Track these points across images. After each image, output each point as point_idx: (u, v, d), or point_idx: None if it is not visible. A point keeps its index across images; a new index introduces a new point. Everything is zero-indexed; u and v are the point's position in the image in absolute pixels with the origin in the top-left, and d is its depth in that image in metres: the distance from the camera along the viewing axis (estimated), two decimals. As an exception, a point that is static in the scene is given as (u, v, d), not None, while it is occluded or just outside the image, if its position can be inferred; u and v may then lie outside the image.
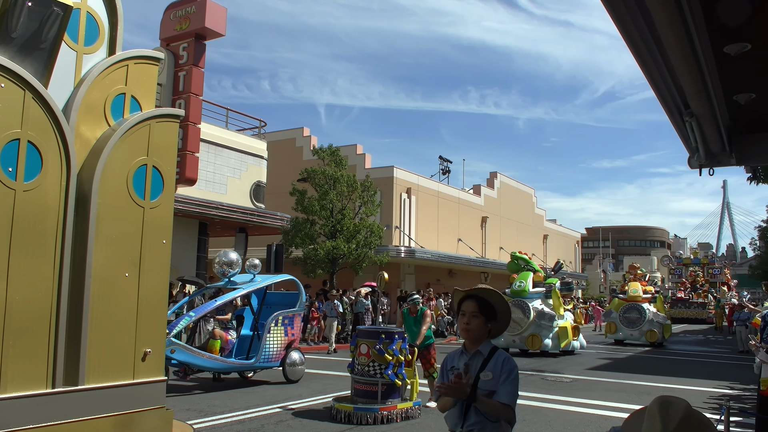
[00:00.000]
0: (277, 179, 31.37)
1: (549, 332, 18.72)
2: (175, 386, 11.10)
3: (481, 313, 3.26)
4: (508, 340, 18.90)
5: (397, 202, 33.45)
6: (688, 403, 2.15)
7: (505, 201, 46.33)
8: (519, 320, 18.72)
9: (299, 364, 11.99)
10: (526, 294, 19.22)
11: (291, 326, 11.94)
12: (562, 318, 19.38)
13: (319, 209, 22.14)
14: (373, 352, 8.81)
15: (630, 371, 15.34)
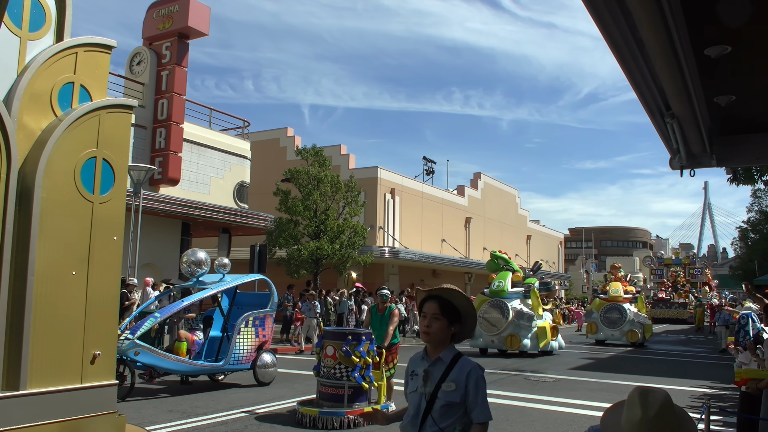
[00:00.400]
0: (261, 179, 31.22)
1: (528, 332, 18.66)
2: (141, 389, 10.77)
3: (443, 315, 2.99)
4: (486, 340, 18.86)
5: (381, 202, 33.44)
6: (667, 393, 2.22)
7: (488, 202, 46.48)
8: (498, 320, 18.70)
9: (271, 366, 11.72)
10: (505, 294, 19.19)
11: (262, 327, 11.68)
12: (541, 318, 19.34)
13: (302, 209, 22.07)
14: (340, 354, 8.53)
15: (612, 371, 15.45)
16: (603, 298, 25.17)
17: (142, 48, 22.20)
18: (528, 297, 19.47)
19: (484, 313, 18.92)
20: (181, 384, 11.57)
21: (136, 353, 9.75)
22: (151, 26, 22.14)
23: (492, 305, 19.04)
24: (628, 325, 23.89)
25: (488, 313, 18.93)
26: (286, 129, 37.24)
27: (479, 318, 18.91)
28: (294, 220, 22.56)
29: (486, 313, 18.92)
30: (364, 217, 29.75)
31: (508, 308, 18.75)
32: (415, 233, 36.26)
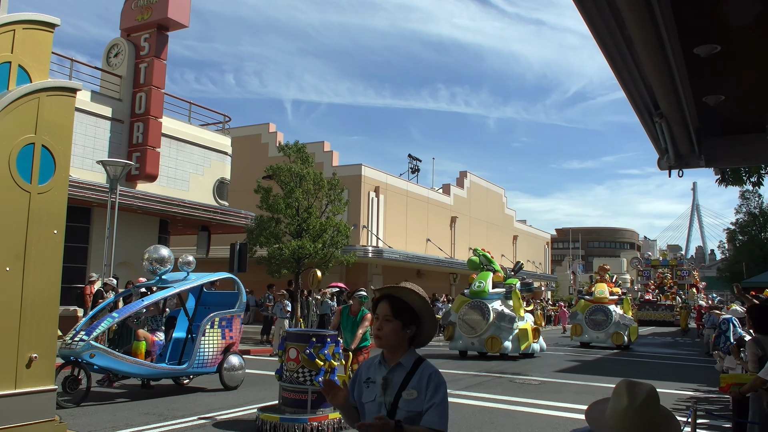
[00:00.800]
0: (242, 176, 31.07)
1: (509, 334, 18.54)
2: (98, 394, 10.41)
3: (395, 317, 2.80)
4: (466, 342, 18.78)
5: (364, 200, 33.42)
6: (653, 387, 2.32)
7: (474, 201, 46.62)
8: (478, 322, 18.60)
9: (238, 369, 11.41)
10: (486, 295, 19.05)
11: (229, 328, 11.41)
12: (522, 320, 19.27)
13: (284, 207, 21.99)
14: (303, 357, 8.18)
15: (598, 373, 15.57)
16: (588, 299, 25.15)
17: (120, 39, 22.00)
18: (509, 298, 19.38)
19: (464, 314, 18.83)
20: (143, 388, 11.22)
21: (91, 356, 9.37)
22: (130, 17, 21.95)
23: (472, 306, 18.91)
24: (614, 327, 23.90)
25: (468, 314, 18.81)
26: (268, 125, 37.09)
27: (459, 320, 18.89)
28: (275, 218, 22.47)
29: (466, 315, 18.81)
30: (347, 215, 29.69)
31: (488, 309, 18.61)
32: (399, 232, 36.28)
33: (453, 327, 19.08)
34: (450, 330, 19.16)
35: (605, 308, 24.27)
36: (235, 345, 11.61)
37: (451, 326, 19.17)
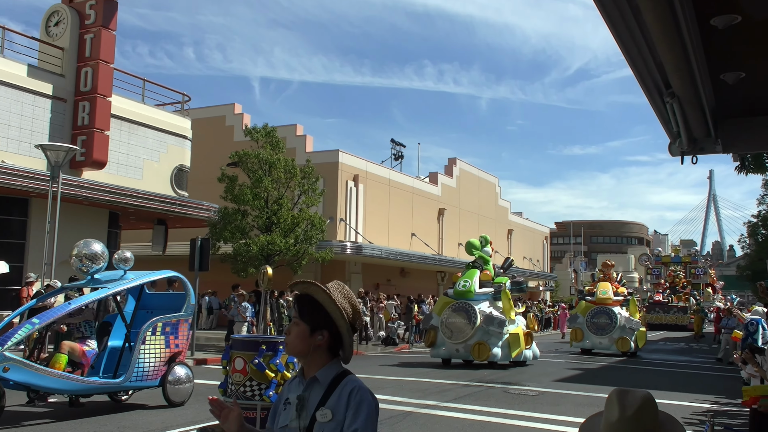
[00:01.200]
0: (203, 163, 30.84)
1: (498, 340, 18.37)
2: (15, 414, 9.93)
3: (302, 319, 2.61)
4: (450, 348, 18.67)
5: (342, 191, 33.39)
6: (648, 393, 2.33)
7: (465, 191, 46.76)
8: (463, 326, 18.43)
9: (185, 382, 11.07)
10: (472, 295, 18.92)
11: (174, 335, 11.07)
12: (513, 323, 19.09)
13: (251, 198, 21.89)
14: (251, 368, 7.89)
15: (602, 383, 15.70)
16: (590, 300, 25.02)
17: (61, 6, 21.69)
18: (498, 299, 19.20)
19: (448, 317, 18.70)
20: (71, 406, 10.64)
21: (5, 369, 8.87)
22: (73, -19, 21.65)
23: (456, 308, 18.78)
24: (619, 332, 23.83)
25: (452, 317, 18.68)
26: (233, 105, 36.90)
27: (441, 323, 18.81)
28: (242, 211, 22.37)
29: (449, 318, 18.69)
30: (322, 207, 29.62)
31: (475, 312, 18.44)
32: (381, 226, 36.30)
33: (435, 332, 18.98)
34: (431, 335, 19.04)
35: (609, 310, 24.23)
36: (182, 354, 11.30)
37: (432, 331, 19.07)
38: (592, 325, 24.26)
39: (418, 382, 14.61)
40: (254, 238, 21.80)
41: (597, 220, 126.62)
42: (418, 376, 15.80)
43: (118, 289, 10.65)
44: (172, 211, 22.48)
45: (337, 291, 2.65)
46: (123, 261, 11.21)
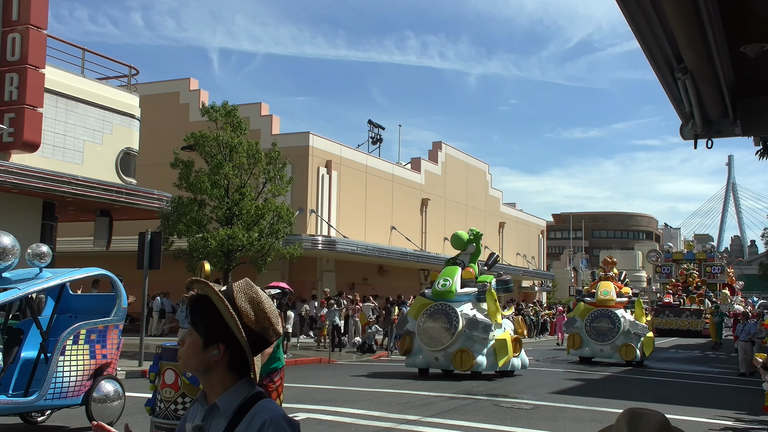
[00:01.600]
0: (154, 146, 30.60)
1: (483, 347, 18.09)
2: None
3: (195, 328, 2.39)
4: (428, 357, 18.45)
5: (313, 178, 33.32)
6: (664, 416, 2.23)
7: (451, 179, 46.86)
8: (443, 331, 18.18)
9: (114, 400, 10.63)
10: (453, 296, 18.70)
11: (101, 344, 10.69)
12: (500, 328, 18.86)
13: (210, 187, 21.77)
14: (183, 382, 7.67)
15: (605, 395, 15.82)
16: (589, 301, 24.96)
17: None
18: (482, 300, 18.97)
19: (426, 321, 18.53)
20: None
21: None
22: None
23: (435, 311, 18.58)
24: (622, 338, 23.75)
25: (430, 321, 18.51)
26: (188, 80, 36.71)
27: (418, 328, 18.63)
28: (198, 201, 22.24)
29: (428, 322, 18.51)
30: (291, 197, 29.53)
31: (456, 315, 18.21)
32: (356, 218, 36.28)
33: (411, 338, 18.79)
34: (407, 341, 18.86)
35: (611, 313, 24.22)
36: (111, 366, 10.91)
37: (408, 337, 18.90)
38: (592, 330, 24.13)
39: (398, 394, 14.63)
40: (213, 232, 21.69)
41: (600, 212, 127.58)
42: (397, 387, 15.82)
43: (31, 290, 10.02)
44: (117, 200, 22.24)
45: (241, 292, 2.42)
46: (38, 257, 10.56)
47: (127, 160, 24.33)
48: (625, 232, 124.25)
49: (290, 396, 13.88)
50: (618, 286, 25.38)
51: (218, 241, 21.33)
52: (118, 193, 22.21)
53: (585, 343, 24.35)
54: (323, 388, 15.35)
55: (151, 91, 33.81)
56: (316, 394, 14.38)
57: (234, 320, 2.35)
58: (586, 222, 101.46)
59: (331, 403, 13.26)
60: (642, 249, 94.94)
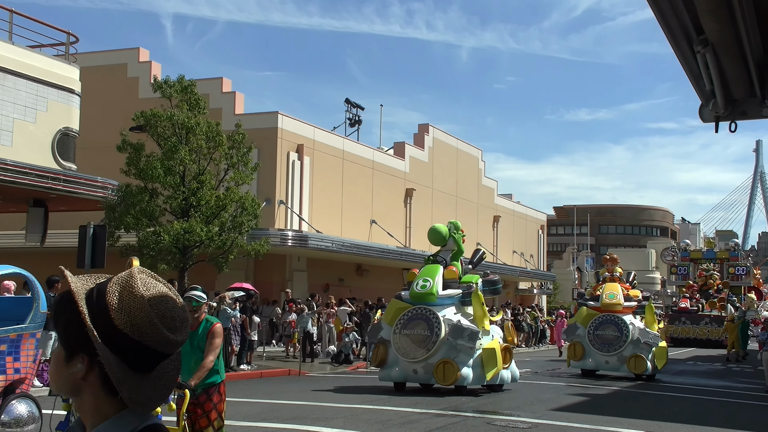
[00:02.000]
0: (97, 126, 30.40)
1: (469, 357, 17.82)
2: None
3: (59, 336, 2.14)
4: (405, 369, 18.18)
5: (282, 165, 33.25)
6: None
7: (439, 166, 46.92)
8: (422, 339, 17.91)
9: (28, 423, 10.36)
10: (435, 299, 18.48)
11: (14, 356, 10.47)
12: (488, 335, 18.61)
13: (163, 173, 21.68)
14: None
15: (613, 413, 15.88)
16: (593, 306, 24.78)
17: None
18: (467, 303, 18.79)
19: (403, 328, 18.26)
20: None
21: None
22: None
23: (414, 317, 18.31)
24: (631, 348, 23.42)
25: (408, 328, 18.23)
26: (137, 50, 36.51)
27: (394, 336, 18.37)
28: (150, 189, 22.15)
29: (405, 329, 18.23)
30: (257, 186, 29.46)
31: (438, 321, 17.91)
32: (332, 211, 36.26)
33: (385, 347, 18.50)
34: (381, 351, 18.55)
35: (618, 320, 23.93)
36: (26, 382, 10.71)
37: (382, 346, 18.57)
38: (596, 339, 23.86)
39: (377, 411, 14.64)
40: (166, 226, 21.61)
41: (608, 204, 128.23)
42: (376, 402, 15.84)
43: None
44: (54, 188, 22.09)
45: (117, 283, 2.14)
46: None
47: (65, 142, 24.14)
48: (637, 228, 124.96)
49: (254, 413, 13.88)
50: (626, 288, 25.19)
51: (173, 236, 21.25)
52: (54, 180, 22.05)
53: (588, 354, 24.08)
54: (292, 404, 15.33)
55: (94, 62, 33.59)
56: (284, 411, 14.35)
57: (84, 316, 2.03)
58: (592, 216, 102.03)
59: (301, 420, 13.24)
60: (656, 247, 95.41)
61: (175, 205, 22.10)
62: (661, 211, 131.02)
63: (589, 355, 24.13)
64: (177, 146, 21.75)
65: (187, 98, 22.69)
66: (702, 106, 6.18)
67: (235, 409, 14.44)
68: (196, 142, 22.08)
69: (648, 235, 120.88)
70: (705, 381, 25.24)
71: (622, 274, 26.27)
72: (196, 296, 8.15)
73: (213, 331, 8.03)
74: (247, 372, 21.94)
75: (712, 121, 6.11)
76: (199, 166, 22.33)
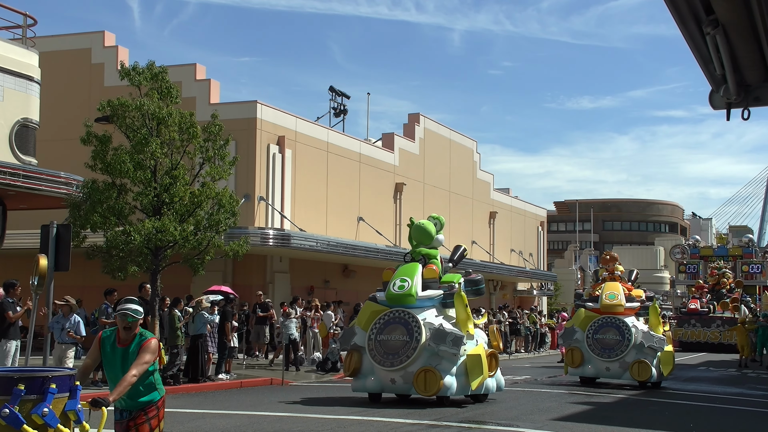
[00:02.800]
0: (60, 117, 30.31)
1: (452, 365, 17.39)
2: None
3: None
4: (382, 378, 17.72)
5: (262, 158, 33.22)
6: None
7: (431, 159, 46.96)
8: (401, 345, 17.51)
9: None
10: (414, 300, 18.10)
11: None
12: (472, 340, 18.23)
13: (132, 168, 21.61)
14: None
15: (620, 423, 15.93)
16: (592, 307, 24.37)
17: None
18: (449, 305, 18.51)
19: (378, 333, 17.86)
20: None
21: None
22: None
23: (391, 321, 17.97)
24: (634, 353, 23.05)
25: (385, 333, 17.83)
26: (102, 34, 36.29)
27: (369, 341, 17.98)
28: (118, 185, 22.09)
29: (381, 334, 17.83)
30: (234, 181, 29.40)
31: (418, 325, 17.50)
32: (316, 208, 36.25)
33: (359, 354, 18.17)
34: (354, 359, 18.17)
35: (619, 322, 23.54)
36: None
37: (355, 353, 18.23)
38: (596, 344, 23.46)
39: (367, 423, 14.67)
40: (137, 225, 21.55)
41: (613, 199, 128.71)
42: (366, 413, 15.86)
43: None
44: (12, 185, 22.03)
45: None
46: None
47: (24, 134, 24.09)
48: (644, 224, 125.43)
49: (232, 427, 13.89)
50: (627, 288, 24.83)
51: (144, 235, 21.19)
52: (13, 175, 21.98)
53: (587, 360, 23.70)
54: (273, 416, 15.35)
55: (54, 47, 33.46)
56: (265, 424, 14.37)
57: None
58: (595, 211, 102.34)
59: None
60: (664, 244, 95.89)
61: (146, 203, 22.03)
62: (669, 206, 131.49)
63: (588, 362, 23.75)
64: (147, 138, 21.67)
65: (158, 86, 22.59)
66: (712, 92, 6.22)
67: (212, 423, 14.49)
68: (169, 134, 22.00)
69: (656, 232, 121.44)
70: (719, 388, 25.22)
71: (624, 273, 25.80)
72: (131, 311, 7.84)
73: (146, 345, 7.77)
74: (226, 382, 21.94)
75: (723, 108, 6.15)
76: (171, 160, 22.26)
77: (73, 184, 23.08)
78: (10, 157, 23.23)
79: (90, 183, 22.17)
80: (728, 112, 6.15)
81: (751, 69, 5.57)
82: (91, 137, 22.07)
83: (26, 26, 25.30)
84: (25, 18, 25.35)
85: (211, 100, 33.20)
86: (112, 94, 24.00)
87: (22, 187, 22.24)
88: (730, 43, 5.21)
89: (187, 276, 26.30)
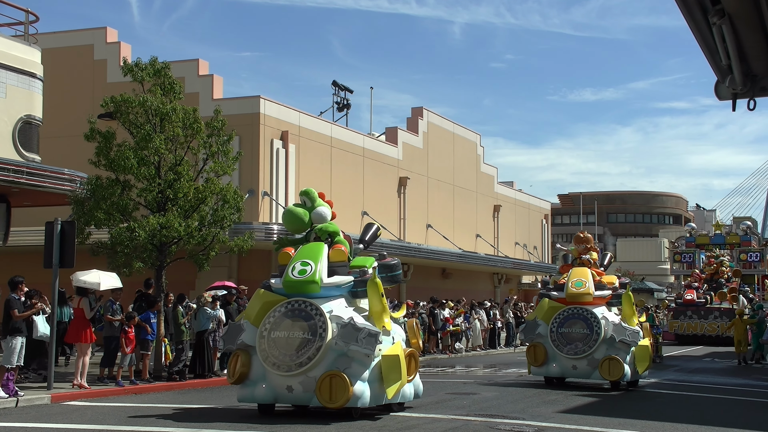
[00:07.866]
0: (63, 114, 30.29)
1: (364, 368, 14.44)
2: None
3: None
4: (276, 386, 14.66)
5: (265, 153, 33.22)
6: None
7: (435, 153, 46.91)
8: (300, 344, 14.49)
9: None
10: (318, 289, 15.10)
11: None
12: (388, 337, 15.31)
13: (136, 164, 21.61)
14: None
15: (626, 415, 15.94)
16: (556, 297, 21.72)
17: None
18: (360, 295, 15.65)
19: (273, 329, 14.74)
20: None
21: None
22: None
23: (288, 314, 14.90)
24: (604, 349, 20.45)
25: (281, 329, 14.72)
26: (105, 30, 36.17)
27: (261, 339, 14.79)
28: (122, 182, 22.10)
29: (275, 331, 14.72)
30: (238, 176, 29.40)
31: (323, 319, 14.50)
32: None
33: (248, 356, 14.95)
34: (241, 361, 14.89)
35: (587, 313, 20.87)
36: None
37: (243, 354, 14.95)
38: (561, 339, 20.87)
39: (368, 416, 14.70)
40: (141, 221, 21.57)
41: (616, 191, 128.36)
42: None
43: None
44: (16, 182, 22.06)
45: None
46: None
47: (27, 131, 24.10)
48: (648, 216, 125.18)
49: (246, 416, 13.83)
50: (598, 274, 22.09)
51: (148, 231, 21.20)
52: (17, 172, 22.00)
53: (551, 358, 21.08)
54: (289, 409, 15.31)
55: (57, 44, 33.45)
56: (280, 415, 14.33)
57: None
58: (599, 204, 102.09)
59: (295, 420, 13.16)
60: (668, 236, 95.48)
61: (150, 199, 22.02)
62: (673, 198, 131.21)
63: (552, 359, 21.12)
64: (151, 134, 21.67)
65: (161, 82, 22.58)
66: (718, 83, 6.22)
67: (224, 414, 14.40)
68: (172, 130, 22.00)
69: (660, 224, 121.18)
70: (724, 379, 25.23)
71: (596, 259, 22.85)
72: None
73: None
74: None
75: (729, 99, 6.15)
76: (175, 156, 22.26)
77: (76, 181, 23.09)
78: (14, 155, 23.25)
79: (94, 179, 22.18)
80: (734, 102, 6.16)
81: (758, 59, 5.57)
82: (95, 134, 22.08)
83: (28, 23, 25.30)
84: (27, 15, 25.35)
85: (215, 96, 33.19)
86: (115, 91, 24.00)
87: (25, 184, 22.27)
88: (737, 33, 5.21)
89: (192, 272, 26.28)
